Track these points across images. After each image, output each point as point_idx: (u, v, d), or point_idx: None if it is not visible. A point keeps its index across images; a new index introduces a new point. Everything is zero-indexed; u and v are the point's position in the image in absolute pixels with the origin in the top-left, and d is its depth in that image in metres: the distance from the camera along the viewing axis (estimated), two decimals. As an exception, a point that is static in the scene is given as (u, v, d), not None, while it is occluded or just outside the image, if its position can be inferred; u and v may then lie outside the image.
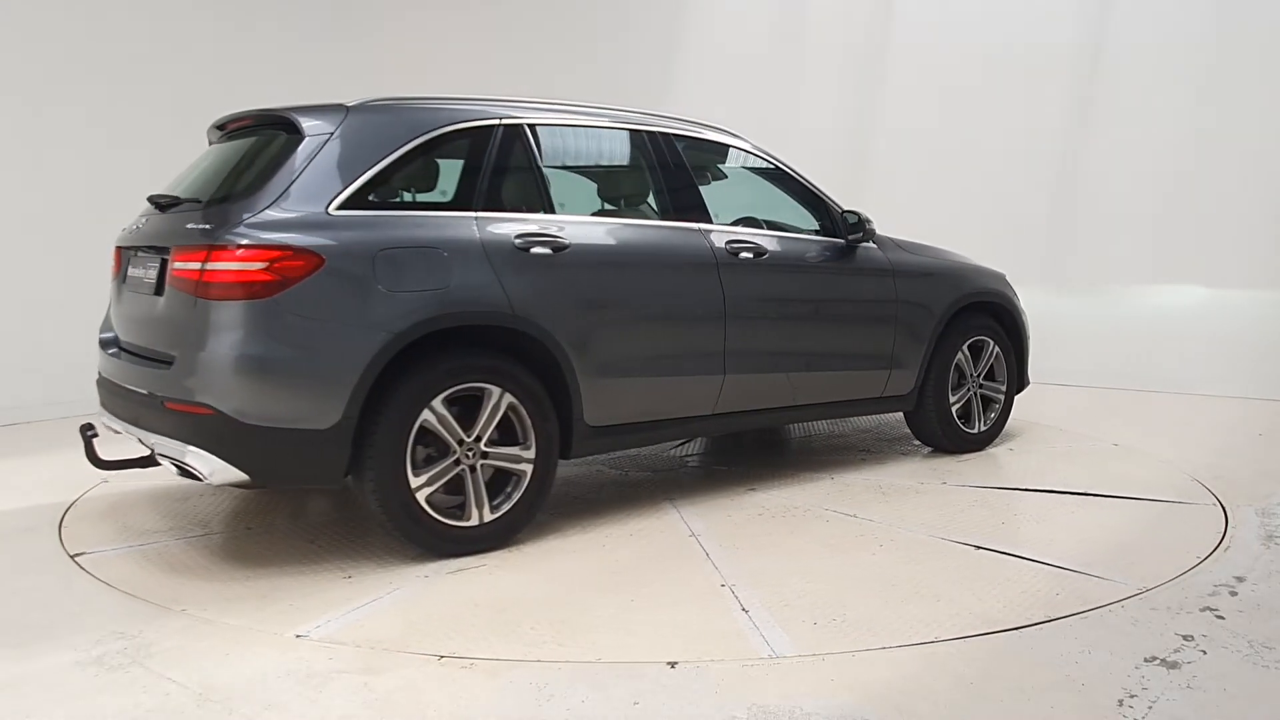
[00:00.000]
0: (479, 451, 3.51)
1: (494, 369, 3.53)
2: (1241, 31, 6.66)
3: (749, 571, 3.36)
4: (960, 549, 3.58)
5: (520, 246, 3.60)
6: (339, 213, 3.36)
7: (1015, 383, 5.30)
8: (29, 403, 6.22)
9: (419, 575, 3.37)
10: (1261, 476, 4.60)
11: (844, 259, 4.63)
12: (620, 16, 8.65)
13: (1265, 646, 2.74)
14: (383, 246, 3.35)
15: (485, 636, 2.85)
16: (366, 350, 3.25)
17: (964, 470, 4.74)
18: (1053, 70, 7.31)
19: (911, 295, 4.79)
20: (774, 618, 2.96)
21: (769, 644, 2.78)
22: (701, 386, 4.11)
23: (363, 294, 3.29)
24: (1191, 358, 6.81)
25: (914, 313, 4.80)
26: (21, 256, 6.31)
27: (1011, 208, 7.44)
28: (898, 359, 4.76)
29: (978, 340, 5.07)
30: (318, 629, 2.92)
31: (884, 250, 4.76)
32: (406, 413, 3.34)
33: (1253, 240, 6.67)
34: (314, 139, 3.43)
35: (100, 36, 6.63)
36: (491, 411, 3.52)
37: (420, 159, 3.65)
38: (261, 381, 3.19)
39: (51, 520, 4.11)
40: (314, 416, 3.22)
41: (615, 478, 4.72)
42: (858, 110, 7.96)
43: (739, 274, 4.18)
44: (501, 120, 3.79)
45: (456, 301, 3.44)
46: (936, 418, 4.96)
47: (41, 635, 2.92)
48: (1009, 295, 5.26)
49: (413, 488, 3.37)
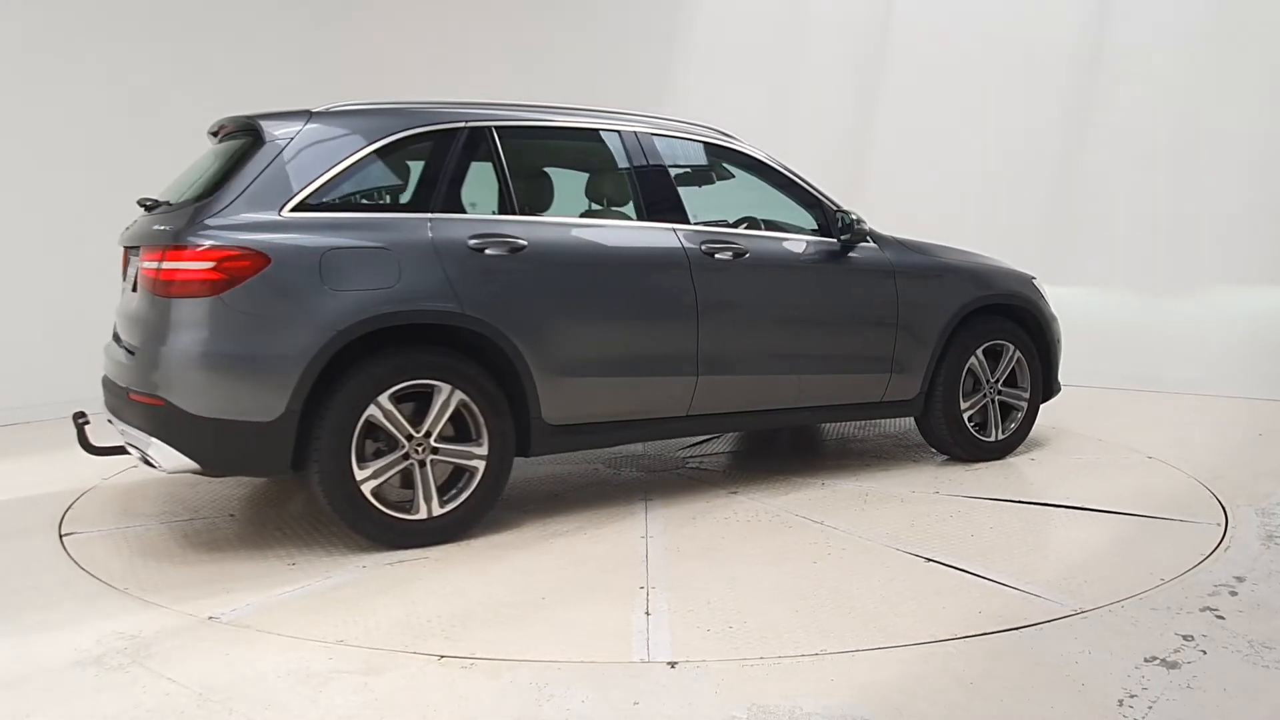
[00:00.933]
0: (429, 447, 3.60)
1: (444, 367, 3.61)
2: (1241, 31, 6.66)
3: (677, 576, 3.34)
4: (909, 561, 3.46)
5: (475, 248, 3.68)
6: (292, 215, 3.51)
7: (1041, 390, 5.04)
8: (34, 402, 6.23)
9: (358, 565, 3.47)
10: (1261, 476, 4.60)
11: (837, 259, 4.50)
12: (621, 16, 8.65)
13: (1265, 646, 2.74)
14: (330, 247, 3.48)
15: (380, 627, 2.91)
16: (309, 346, 3.38)
17: (968, 479, 4.57)
18: (1053, 70, 7.31)
19: (916, 297, 4.64)
20: (671, 623, 2.94)
21: (649, 648, 2.76)
22: (672, 388, 4.08)
23: (307, 293, 3.42)
24: (1191, 358, 6.81)
25: (918, 315, 4.64)
26: (24, 257, 6.31)
27: (1011, 207, 7.44)
28: (899, 363, 4.61)
29: (995, 344, 4.86)
30: (233, 611, 3.05)
31: (887, 250, 4.62)
32: (352, 407, 3.46)
33: (1253, 240, 6.67)
34: (274, 144, 3.59)
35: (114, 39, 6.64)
36: (441, 408, 3.61)
37: (380, 162, 3.77)
38: (208, 375, 3.37)
39: (51, 520, 4.11)
40: (258, 409, 3.37)
41: (606, 476, 4.72)
42: (858, 110, 7.96)
43: (715, 274, 4.13)
44: (467, 124, 3.87)
45: (402, 301, 3.53)
46: (946, 424, 4.77)
47: (41, 635, 2.92)
48: (1031, 298, 5.00)
49: (358, 480, 3.48)
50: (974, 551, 3.55)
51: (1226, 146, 6.70)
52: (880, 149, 7.89)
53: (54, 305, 6.42)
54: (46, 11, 6.36)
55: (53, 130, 6.42)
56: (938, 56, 7.62)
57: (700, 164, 4.63)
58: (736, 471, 4.88)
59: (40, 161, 6.38)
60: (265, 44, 7.60)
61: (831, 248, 4.51)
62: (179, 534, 3.90)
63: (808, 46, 8.06)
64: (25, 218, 6.33)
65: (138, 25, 6.85)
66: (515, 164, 3.96)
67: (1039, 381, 5.01)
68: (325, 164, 3.61)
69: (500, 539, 3.74)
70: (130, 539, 3.85)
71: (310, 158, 3.60)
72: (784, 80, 8.13)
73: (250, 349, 3.38)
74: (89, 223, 6.59)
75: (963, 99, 7.54)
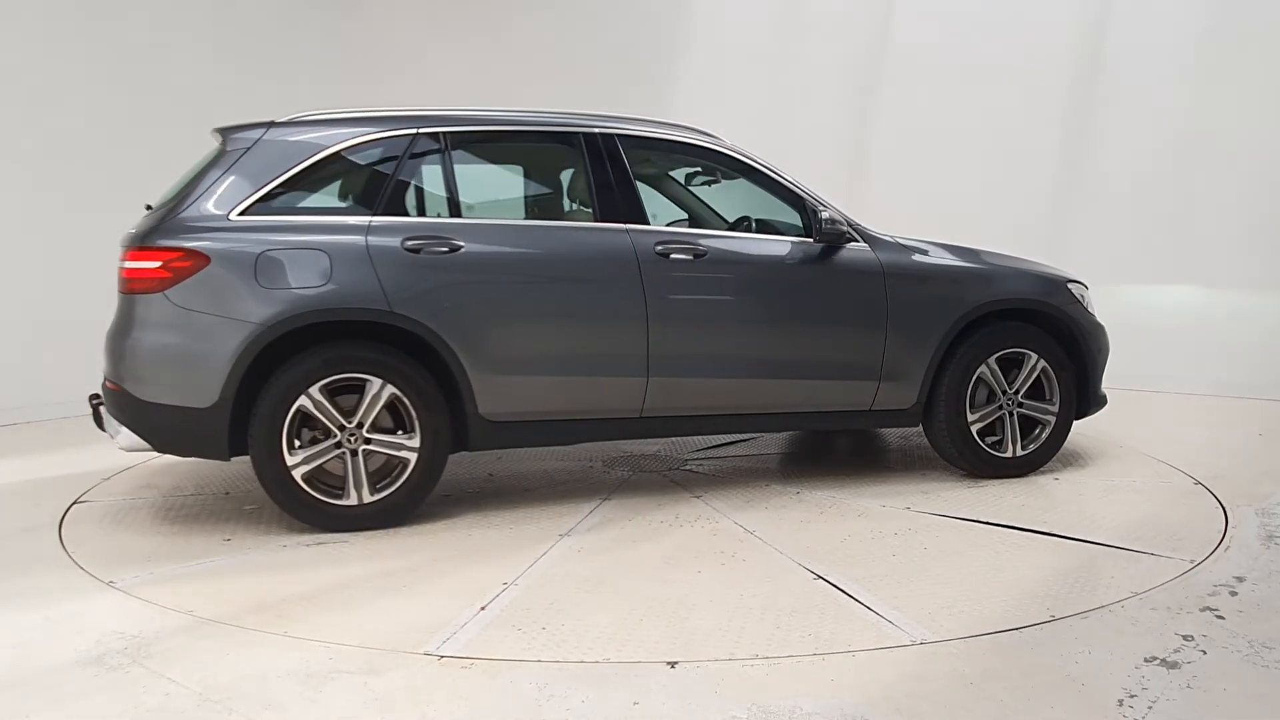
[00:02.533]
0: (361, 438, 3.80)
1: (373, 362, 3.80)
2: (1241, 31, 6.66)
3: (540, 575, 3.37)
4: (800, 576, 3.33)
5: (410, 249, 3.85)
6: (239, 218, 3.79)
7: (1074, 404, 4.63)
8: (32, 403, 6.22)
9: (279, 545, 3.73)
10: (1261, 476, 4.60)
11: (814, 260, 4.32)
12: (621, 16, 8.65)
13: (1265, 646, 2.74)
14: (266, 248, 3.74)
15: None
16: (238, 339, 3.66)
17: (961, 497, 4.25)
18: (1053, 68, 7.31)
19: (909, 300, 4.38)
20: (495, 619, 2.97)
21: (456, 640, 2.82)
22: (621, 388, 4.09)
23: (241, 290, 3.70)
24: (1191, 358, 6.81)
25: (912, 319, 4.37)
26: (25, 257, 6.32)
27: (1011, 207, 7.43)
28: (889, 370, 4.37)
29: (1014, 353, 4.52)
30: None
31: (881, 251, 4.39)
32: (283, 398, 3.72)
33: (1252, 240, 6.67)
34: (233, 152, 3.89)
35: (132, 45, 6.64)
36: (372, 401, 3.80)
37: (329, 168, 3.98)
38: (152, 363, 3.74)
39: (51, 520, 4.11)
40: (194, 396, 3.69)
41: (593, 473, 4.72)
42: (858, 110, 7.96)
43: (668, 275, 4.10)
44: (419, 131, 4.04)
45: (330, 299, 3.74)
46: (951, 437, 4.46)
47: (41, 635, 2.93)
48: (1059, 304, 4.60)
49: (288, 465, 3.74)
50: (878, 574, 3.35)
51: (1226, 145, 6.70)
52: (881, 149, 7.89)
53: (50, 305, 6.41)
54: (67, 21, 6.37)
55: (66, 133, 6.43)
56: (938, 57, 7.62)
57: (678, 165, 4.63)
58: (724, 476, 4.78)
59: (50, 163, 6.39)
60: (272, 53, 7.61)
61: (808, 248, 4.33)
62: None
63: (807, 46, 8.05)
64: (24, 218, 6.33)
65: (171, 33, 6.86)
66: (466, 168, 4.15)
67: (1071, 394, 4.61)
68: (275, 170, 3.86)
69: (426, 528, 3.91)
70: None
71: (262, 164, 3.86)
72: (784, 80, 8.13)
73: (186, 341, 3.69)
74: (91, 224, 6.60)
75: (963, 99, 7.54)
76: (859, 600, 3.13)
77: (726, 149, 4.43)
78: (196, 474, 4.83)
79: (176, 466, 5.04)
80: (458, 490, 4.46)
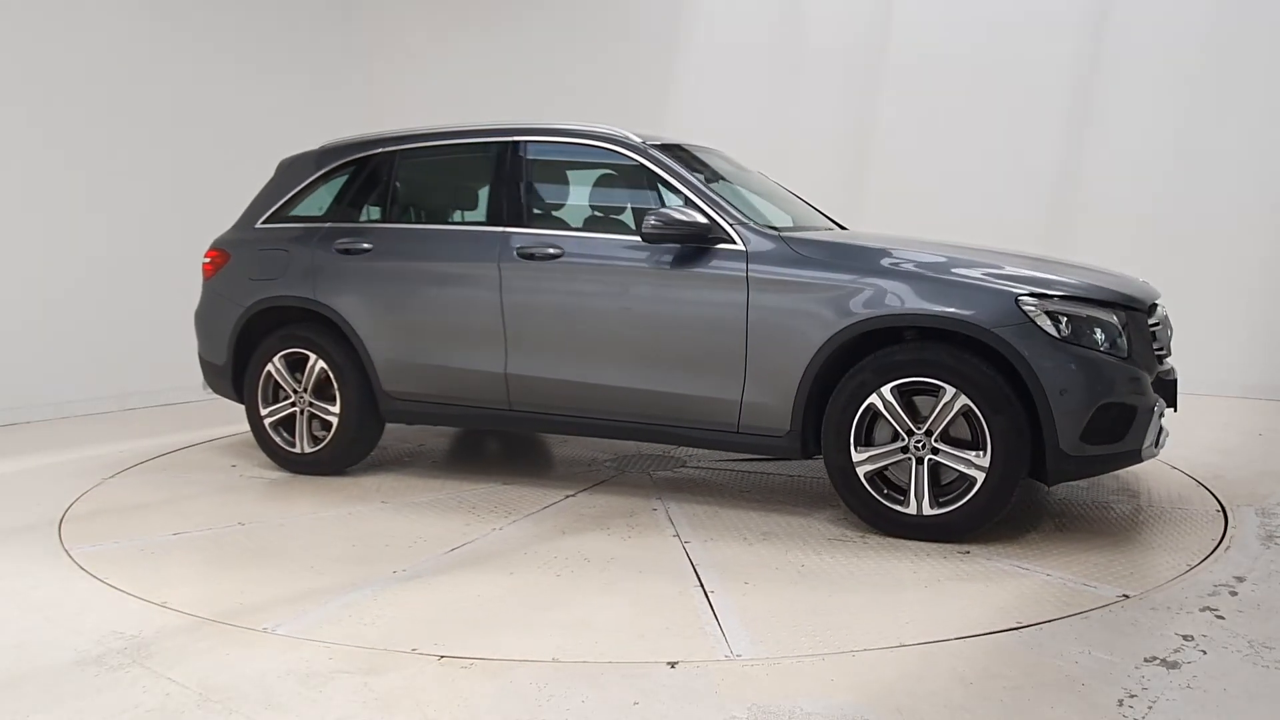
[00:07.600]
0: (306, 400, 4.76)
1: (309, 341, 4.73)
2: (1240, 31, 6.66)
3: (433, 573, 3.41)
4: (662, 587, 3.22)
5: (340, 250, 4.69)
6: (261, 226, 5.01)
7: (1022, 458, 3.49)
8: (35, 403, 6.22)
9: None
10: (1261, 476, 4.61)
11: (671, 263, 3.98)
12: (621, 16, 8.65)
13: (1265, 646, 2.74)
14: (262, 249, 4.91)
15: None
16: (233, 317, 4.90)
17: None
18: (1052, 69, 7.30)
19: (774, 312, 3.80)
20: (328, 616, 3.02)
21: (273, 630, 2.90)
22: (487, 380, 4.40)
23: (241, 280, 4.93)
24: (1191, 357, 6.80)
25: (777, 334, 3.79)
26: (25, 256, 6.32)
27: (1010, 207, 7.43)
28: (750, 389, 3.86)
29: (926, 384, 3.57)
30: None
31: (752, 254, 3.86)
32: (259, 364, 4.85)
33: (1252, 240, 6.66)
34: (275, 176, 5.12)
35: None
36: (308, 372, 4.74)
37: (322, 187, 4.96)
38: (199, 329, 5.17)
39: (51, 520, 4.11)
40: (216, 355, 5.03)
41: (579, 471, 4.74)
42: (857, 110, 7.95)
43: (524, 275, 4.27)
44: (380, 149, 4.82)
45: (278, 289, 4.78)
46: (832, 478, 3.78)
47: (41, 635, 2.93)
48: (985, 324, 3.49)
49: (261, 415, 4.85)
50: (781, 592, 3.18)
51: (1225, 145, 6.70)
52: (881, 149, 7.88)
53: (50, 305, 6.41)
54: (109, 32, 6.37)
55: (60, 133, 6.44)
56: (938, 56, 7.62)
57: (585, 169, 4.71)
58: (718, 485, 4.69)
59: (51, 162, 6.39)
60: (272, 52, 7.61)
61: (669, 249, 3.99)
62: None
63: (807, 47, 8.05)
64: (26, 218, 6.33)
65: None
66: (404, 182, 4.83)
67: (1015, 445, 3.48)
68: (287, 189, 5.00)
69: (368, 480, 4.35)
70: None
71: (281, 185, 5.04)
72: (784, 80, 8.12)
73: (213, 315, 5.03)
74: (90, 224, 6.61)
75: (963, 99, 7.54)
76: (706, 619, 2.96)
77: (632, 155, 4.23)
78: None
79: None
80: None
